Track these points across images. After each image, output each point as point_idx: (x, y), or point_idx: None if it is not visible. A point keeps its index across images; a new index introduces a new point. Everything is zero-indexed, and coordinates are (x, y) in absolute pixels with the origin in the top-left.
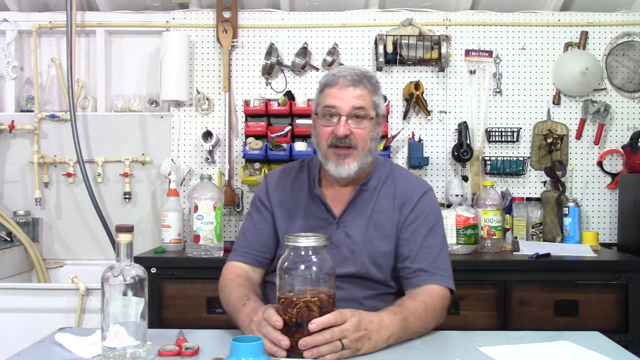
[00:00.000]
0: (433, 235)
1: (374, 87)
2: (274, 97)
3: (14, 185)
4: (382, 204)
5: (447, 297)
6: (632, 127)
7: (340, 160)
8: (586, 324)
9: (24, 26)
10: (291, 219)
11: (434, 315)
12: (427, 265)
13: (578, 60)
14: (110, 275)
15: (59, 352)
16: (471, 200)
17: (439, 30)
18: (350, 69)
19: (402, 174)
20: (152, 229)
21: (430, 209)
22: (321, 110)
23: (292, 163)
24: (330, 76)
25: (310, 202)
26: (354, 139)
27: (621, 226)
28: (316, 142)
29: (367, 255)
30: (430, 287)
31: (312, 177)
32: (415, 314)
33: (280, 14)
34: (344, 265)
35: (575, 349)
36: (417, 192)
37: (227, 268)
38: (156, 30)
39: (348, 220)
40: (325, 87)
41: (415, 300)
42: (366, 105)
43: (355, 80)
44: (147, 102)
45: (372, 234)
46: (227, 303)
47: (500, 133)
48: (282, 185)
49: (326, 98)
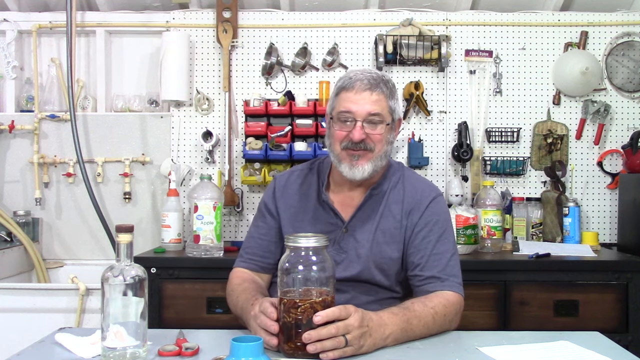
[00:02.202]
0: (443, 241)
1: (391, 92)
2: (274, 97)
3: (14, 185)
4: (391, 208)
5: (460, 303)
6: (632, 127)
7: (354, 161)
8: (586, 324)
9: (24, 26)
10: (299, 223)
11: (443, 322)
12: (439, 272)
13: (578, 60)
14: (110, 275)
15: (59, 352)
16: (471, 200)
17: (439, 30)
18: (368, 72)
19: (412, 178)
20: (152, 229)
21: (439, 215)
22: (337, 115)
23: (302, 165)
24: (346, 79)
25: (319, 207)
26: (370, 142)
27: (621, 226)
28: (329, 143)
29: (373, 260)
30: (443, 293)
31: (321, 181)
32: (421, 318)
33: (280, 14)
34: (350, 269)
35: (575, 349)
36: (425, 198)
37: (233, 273)
38: (156, 30)
39: (357, 225)
40: (341, 90)
41: (426, 306)
42: (382, 111)
43: (372, 85)
44: (147, 102)
45: (379, 238)
46: (235, 306)
47: (500, 133)
48: (290, 189)
49: (342, 102)
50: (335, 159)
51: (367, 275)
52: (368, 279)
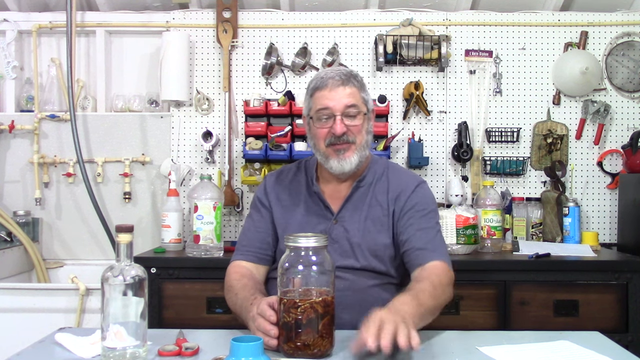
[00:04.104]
0: (428, 218)
1: (361, 85)
2: (274, 97)
3: (14, 185)
4: (378, 198)
5: (450, 272)
6: (632, 127)
7: (341, 156)
8: (586, 324)
9: (24, 26)
10: (290, 214)
11: (444, 289)
12: (425, 243)
13: (578, 60)
14: (110, 275)
15: (59, 352)
16: (471, 200)
17: (439, 30)
18: (337, 69)
19: (395, 170)
20: (152, 229)
21: (424, 198)
22: (315, 114)
23: (290, 165)
24: (318, 79)
25: (309, 199)
26: (351, 134)
27: (621, 226)
28: (313, 144)
29: (367, 248)
30: (433, 264)
31: (309, 176)
32: (425, 291)
33: (280, 14)
34: (344, 258)
35: (575, 349)
36: (411, 184)
37: (231, 268)
38: (156, 30)
39: (346, 216)
40: (315, 90)
41: (422, 281)
42: (357, 102)
43: (344, 80)
44: (147, 102)
45: (369, 227)
46: (234, 304)
47: (500, 133)
48: (280, 184)
49: (318, 100)
50: (321, 157)
51: (365, 263)
52: (364, 265)
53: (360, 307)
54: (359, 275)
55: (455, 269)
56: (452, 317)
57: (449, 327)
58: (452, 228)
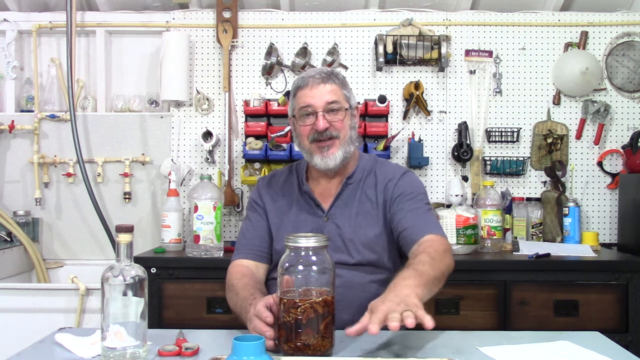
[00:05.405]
0: (417, 200)
1: (342, 82)
2: (274, 97)
3: (14, 185)
4: (367, 193)
5: (445, 241)
6: (632, 127)
7: (325, 152)
8: (586, 324)
9: (24, 26)
10: (283, 214)
11: (441, 257)
12: (416, 220)
13: (578, 60)
14: (110, 275)
15: (59, 352)
16: (471, 200)
17: (439, 30)
18: (318, 69)
19: (382, 164)
20: (152, 229)
21: (412, 184)
22: (298, 112)
23: (282, 168)
24: (300, 79)
25: (301, 198)
26: (334, 130)
27: (621, 226)
28: (298, 142)
29: (360, 242)
30: (427, 237)
31: (300, 177)
32: (424, 262)
33: (280, 14)
34: (337, 254)
35: (575, 349)
36: (397, 173)
37: (232, 267)
38: (156, 30)
39: (337, 213)
40: (297, 90)
41: (419, 255)
42: (339, 98)
43: (325, 78)
44: (147, 102)
45: (360, 222)
46: (234, 303)
47: (500, 133)
48: (273, 186)
49: (301, 99)
50: (306, 154)
51: (357, 257)
52: (359, 260)
53: (357, 305)
54: (354, 272)
55: (455, 269)
56: (452, 317)
57: (449, 327)
58: (452, 228)
